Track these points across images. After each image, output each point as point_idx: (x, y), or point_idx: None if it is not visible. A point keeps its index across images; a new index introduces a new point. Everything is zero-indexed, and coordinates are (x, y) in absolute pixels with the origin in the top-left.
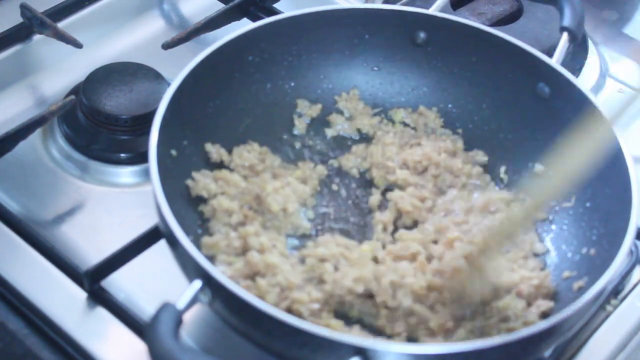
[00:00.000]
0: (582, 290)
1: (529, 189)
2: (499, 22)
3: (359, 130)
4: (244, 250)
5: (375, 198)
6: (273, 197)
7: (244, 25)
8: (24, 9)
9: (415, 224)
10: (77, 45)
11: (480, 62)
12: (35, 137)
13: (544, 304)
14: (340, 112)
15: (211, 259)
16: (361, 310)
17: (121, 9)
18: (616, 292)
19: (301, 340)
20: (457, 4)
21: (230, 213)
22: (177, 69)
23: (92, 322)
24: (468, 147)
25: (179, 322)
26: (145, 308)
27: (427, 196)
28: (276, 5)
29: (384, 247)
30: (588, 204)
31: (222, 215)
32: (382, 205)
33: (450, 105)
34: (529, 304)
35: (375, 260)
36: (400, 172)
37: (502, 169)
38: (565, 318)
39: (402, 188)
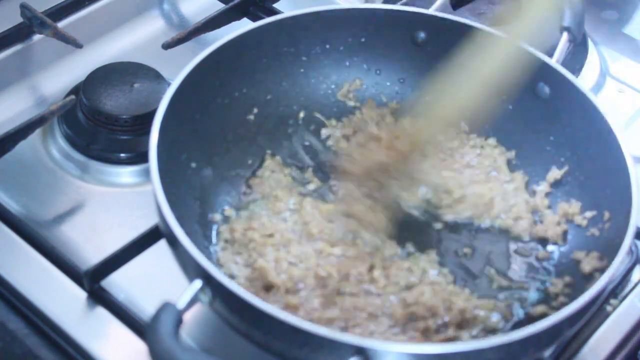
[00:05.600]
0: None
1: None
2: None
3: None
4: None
5: None
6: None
7: (244, 25)
8: (24, 9)
9: None
10: (77, 45)
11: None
12: (35, 137)
13: None
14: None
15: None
16: None
17: (121, 9)
18: (616, 292)
19: (301, 340)
20: (457, 4)
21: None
22: (177, 69)
23: (92, 322)
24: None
25: (179, 322)
26: (145, 308)
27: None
28: (276, 5)
29: None
30: (588, 205)
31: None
32: None
33: None
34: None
35: None
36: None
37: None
38: (565, 318)
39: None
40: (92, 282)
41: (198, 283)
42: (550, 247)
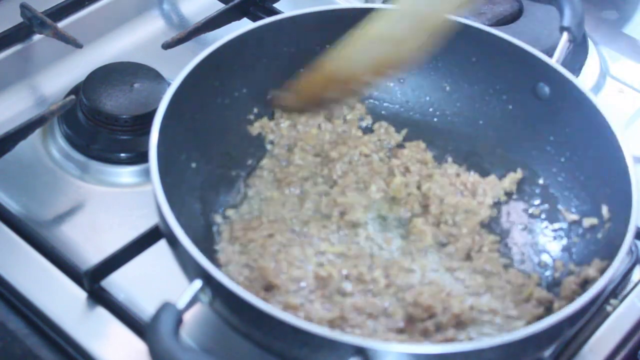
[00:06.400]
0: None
1: None
2: (499, 22)
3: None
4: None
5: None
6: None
7: (244, 25)
8: (24, 9)
9: None
10: (77, 45)
11: (480, 62)
12: (35, 137)
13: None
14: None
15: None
16: None
17: (121, 9)
18: (616, 292)
19: (301, 340)
20: None
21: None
22: (177, 69)
23: (92, 322)
24: (466, 147)
25: (179, 322)
26: (145, 308)
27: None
28: (276, 5)
29: None
30: (588, 206)
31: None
32: None
33: (449, 105)
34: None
35: None
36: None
37: (501, 169)
38: (565, 318)
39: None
40: (92, 282)
41: (198, 283)
42: (550, 248)
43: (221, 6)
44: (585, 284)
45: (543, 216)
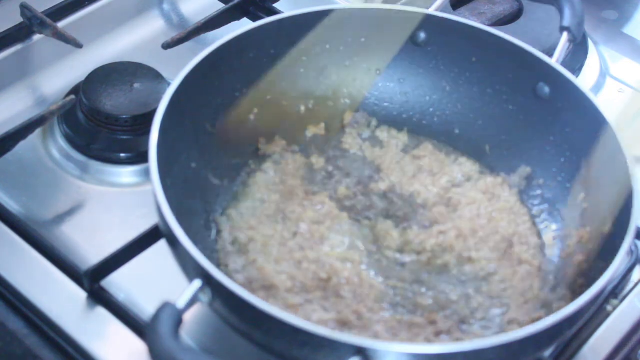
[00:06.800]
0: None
1: None
2: (499, 22)
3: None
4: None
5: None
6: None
7: (244, 25)
8: (24, 8)
9: None
10: (77, 45)
11: (480, 62)
12: (35, 137)
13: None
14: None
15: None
16: None
17: (121, 9)
18: (616, 292)
19: (301, 340)
20: (457, 4)
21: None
22: (177, 69)
23: (92, 322)
24: (467, 147)
25: (179, 322)
26: (145, 308)
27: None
28: (276, 5)
29: None
30: (588, 205)
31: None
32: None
33: (449, 105)
34: None
35: None
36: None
37: (501, 169)
38: (565, 318)
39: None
40: (92, 282)
41: (198, 283)
42: (549, 250)
43: (221, 6)
44: (585, 284)
45: (543, 216)
